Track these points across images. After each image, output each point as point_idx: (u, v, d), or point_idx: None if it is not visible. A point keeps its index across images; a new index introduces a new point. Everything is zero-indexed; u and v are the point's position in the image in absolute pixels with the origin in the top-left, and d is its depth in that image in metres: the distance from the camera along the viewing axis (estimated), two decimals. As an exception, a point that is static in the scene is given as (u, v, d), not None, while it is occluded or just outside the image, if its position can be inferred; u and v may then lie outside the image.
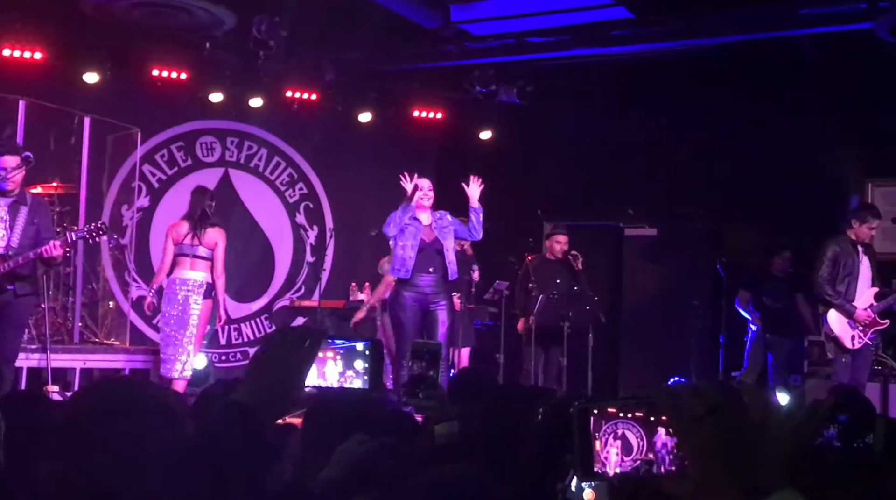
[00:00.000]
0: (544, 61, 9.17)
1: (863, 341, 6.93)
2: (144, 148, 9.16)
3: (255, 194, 9.86)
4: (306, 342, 1.43)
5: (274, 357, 1.41)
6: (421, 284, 6.90)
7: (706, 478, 1.04)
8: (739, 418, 1.06)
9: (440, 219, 7.19)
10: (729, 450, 1.03)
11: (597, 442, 1.11)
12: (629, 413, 1.11)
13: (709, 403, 1.06)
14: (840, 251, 6.96)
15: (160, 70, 8.93)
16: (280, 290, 9.98)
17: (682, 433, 1.06)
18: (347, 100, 9.88)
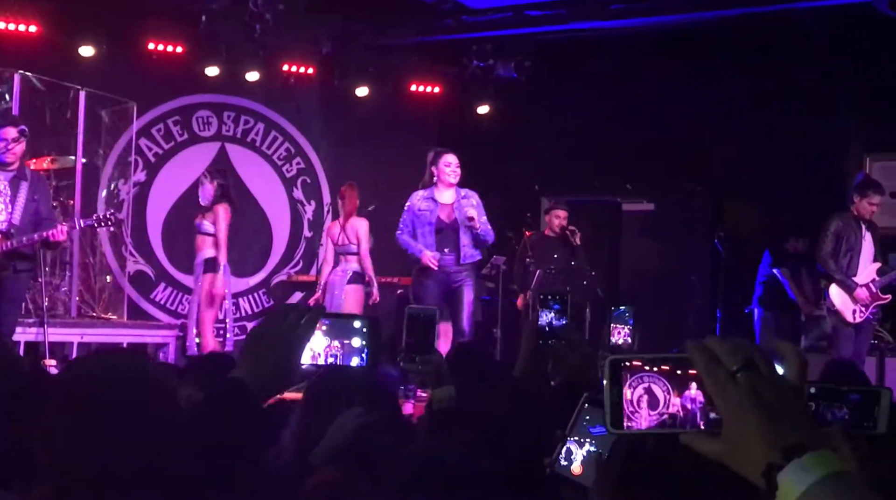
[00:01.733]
0: (542, 35, 9.13)
1: (864, 316, 6.98)
2: (140, 122, 9.13)
3: (252, 169, 9.83)
4: (303, 319, 1.42)
5: (272, 334, 1.41)
6: (440, 264, 6.83)
7: (740, 436, 1.01)
8: (774, 374, 1.03)
9: (465, 198, 7.01)
10: (764, 407, 1.00)
11: (626, 393, 1.09)
12: (655, 367, 1.09)
13: (743, 358, 1.03)
14: (843, 227, 7.00)
15: (156, 44, 8.88)
16: (278, 265, 9.98)
17: (716, 389, 1.03)
18: (345, 74, 9.82)
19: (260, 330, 1.43)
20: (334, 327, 1.48)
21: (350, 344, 1.49)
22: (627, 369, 1.10)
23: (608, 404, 1.10)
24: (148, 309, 9.09)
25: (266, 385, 1.39)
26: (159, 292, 9.31)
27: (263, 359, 1.40)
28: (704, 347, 1.05)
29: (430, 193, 6.95)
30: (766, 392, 1.01)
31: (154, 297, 9.27)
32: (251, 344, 1.42)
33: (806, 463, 0.96)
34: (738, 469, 1.02)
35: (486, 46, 9.41)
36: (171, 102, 9.46)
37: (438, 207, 6.94)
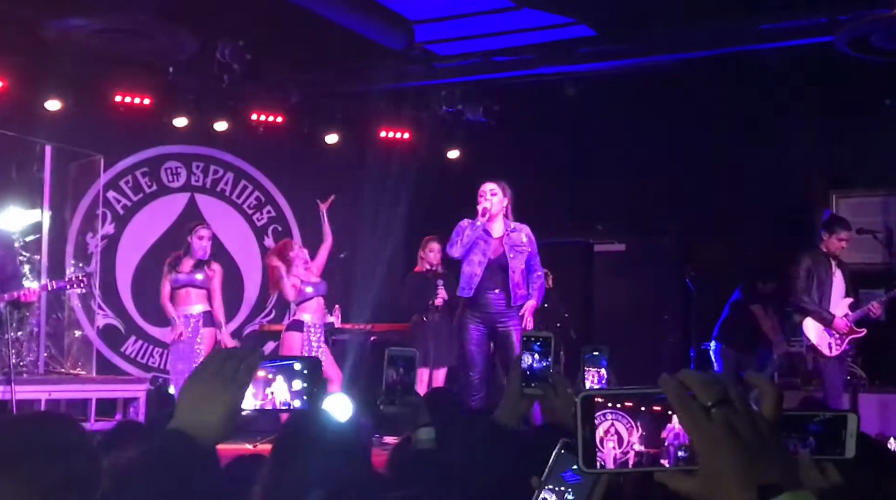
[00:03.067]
0: (510, 80, 9.20)
1: (840, 349, 7.03)
2: (108, 175, 9.08)
3: (222, 219, 9.78)
4: (241, 365, 1.39)
5: (209, 381, 1.37)
6: (486, 303, 6.46)
7: (715, 473, 0.98)
8: (749, 409, 1.01)
9: (514, 232, 6.61)
10: (739, 443, 0.98)
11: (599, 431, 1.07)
12: (618, 403, 1.07)
13: (718, 392, 1.00)
14: (813, 264, 7.08)
15: (123, 96, 8.85)
16: (250, 314, 9.90)
17: (690, 425, 1.00)
18: (313, 122, 9.84)
19: (197, 378, 1.39)
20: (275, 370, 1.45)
21: (291, 387, 1.45)
22: (600, 406, 1.08)
23: (581, 443, 1.07)
24: (118, 363, 8.97)
25: (206, 434, 1.35)
26: (129, 345, 9.19)
27: (202, 408, 1.36)
28: (678, 381, 1.02)
29: (482, 225, 6.49)
30: (742, 428, 0.99)
31: (124, 350, 9.15)
32: (189, 394, 1.38)
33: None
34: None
35: (454, 91, 9.47)
36: (138, 154, 9.43)
37: (491, 243, 6.52)
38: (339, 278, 9.02)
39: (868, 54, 7.55)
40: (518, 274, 6.47)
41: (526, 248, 6.56)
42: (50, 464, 1.50)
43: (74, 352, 8.45)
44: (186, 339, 7.35)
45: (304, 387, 1.45)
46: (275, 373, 1.45)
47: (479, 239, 6.45)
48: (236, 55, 8.24)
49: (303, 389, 1.45)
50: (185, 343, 7.35)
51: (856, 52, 7.58)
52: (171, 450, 1.35)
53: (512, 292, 6.46)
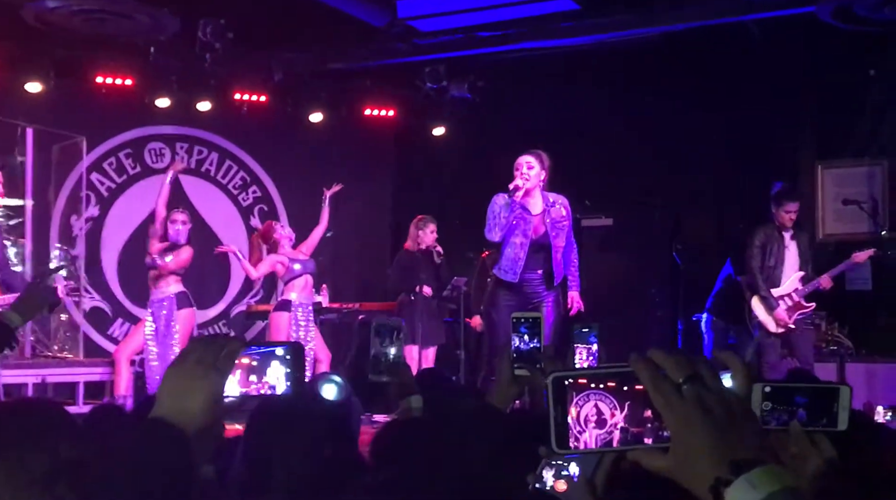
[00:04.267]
0: (494, 55, 9.16)
1: (787, 326, 7.08)
2: (91, 157, 9.01)
3: (207, 199, 9.74)
4: (223, 351, 1.38)
5: (191, 369, 1.36)
6: (525, 284, 6.10)
7: (688, 450, 0.98)
8: (720, 386, 1.01)
9: (553, 207, 6.18)
10: (711, 420, 0.98)
11: (571, 413, 1.06)
12: (601, 384, 1.06)
13: (688, 370, 1.00)
14: (766, 238, 7.13)
15: (105, 77, 8.77)
16: (237, 295, 9.87)
17: (662, 403, 1.00)
18: (298, 100, 9.78)
19: (178, 367, 1.37)
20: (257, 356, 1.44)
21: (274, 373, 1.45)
22: (572, 386, 1.07)
23: (553, 424, 1.07)
24: (105, 346, 8.93)
25: (190, 424, 1.34)
26: (116, 327, 9.16)
27: (184, 396, 1.35)
28: (649, 360, 1.02)
29: (522, 202, 6.04)
30: (713, 405, 0.99)
31: (111, 333, 9.12)
32: (171, 383, 1.36)
33: (754, 478, 0.94)
34: (687, 485, 0.99)
35: (438, 68, 9.42)
36: (122, 135, 9.36)
37: (532, 221, 6.10)
38: (327, 258, 9.00)
39: (852, 24, 7.55)
40: (560, 253, 6.13)
41: (565, 222, 6.21)
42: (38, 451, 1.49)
43: (61, 335, 8.41)
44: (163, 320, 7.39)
45: (287, 372, 1.45)
46: (257, 359, 1.44)
47: (517, 218, 6.02)
48: (218, 34, 8.17)
49: (286, 374, 1.45)
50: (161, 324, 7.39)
51: (840, 22, 7.57)
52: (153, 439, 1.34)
53: (555, 271, 6.14)
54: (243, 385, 1.44)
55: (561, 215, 6.19)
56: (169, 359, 7.26)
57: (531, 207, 6.12)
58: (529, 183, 6.07)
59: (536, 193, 6.16)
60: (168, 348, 7.35)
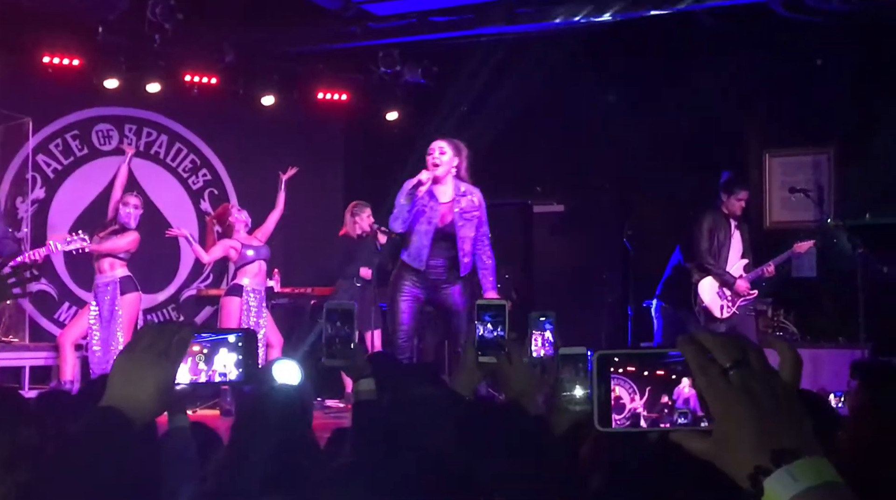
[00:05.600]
0: (448, 40, 9.14)
1: (731, 311, 7.22)
2: (37, 138, 8.84)
3: (156, 183, 9.60)
4: (174, 339, 1.36)
5: (141, 357, 1.34)
6: (429, 271, 5.95)
7: (731, 435, 0.97)
8: (768, 372, 1.00)
9: (464, 197, 5.99)
10: (756, 406, 0.97)
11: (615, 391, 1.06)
12: (621, 368, 1.06)
13: (737, 355, 0.99)
14: (714, 224, 7.24)
15: (51, 57, 8.58)
16: (187, 279, 9.77)
17: (707, 387, 0.99)
18: (249, 83, 9.67)
19: (129, 355, 1.36)
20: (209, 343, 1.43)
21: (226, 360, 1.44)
22: (617, 364, 1.06)
23: (596, 402, 1.06)
24: (51, 329, 8.79)
25: (140, 411, 1.33)
26: (63, 311, 9.01)
27: (135, 384, 1.33)
28: (697, 342, 1.01)
29: (430, 189, 5.87)
30: (760, 391, 0.98)
31: (57, 317, 8.97)
32: (121, 370, 1.35)
33: (795, 470, 0.93)
34: (726, 470, 0.98)
35: (392, 52, 9.38)
36: (68, 116, 9.18)
37: (438, 208, 5.93)
38: (279, 242, 8.93)
39: (801, 14, 7.66)
40: (467, 243, 5.96)
41: (476, 213, 6.03)
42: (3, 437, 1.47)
43: (6, 319, 8.25)
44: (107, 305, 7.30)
45: (238, 359, 1.44)
46: (209, 346, 1.43)
47: (424, 205, 5.88)
48: (167, 14, 8.04)
49: (238, 361, 1.44)
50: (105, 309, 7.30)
51: (790, 12, 7.68)
52: (104, 428, 1.32)
53: (460, 262, 5.98)
54: (193, 373, 1.42)
55: (472, 206, 6.01)
56: (112, 344, 7.18)
57: (440, 194, 5.96)
58: (440, 169, 5.92)
59: (448, 181, 5.99)
60: (111, 334, 7.27)
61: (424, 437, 1.97)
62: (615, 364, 1.07)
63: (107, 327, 7.33)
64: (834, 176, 8.82)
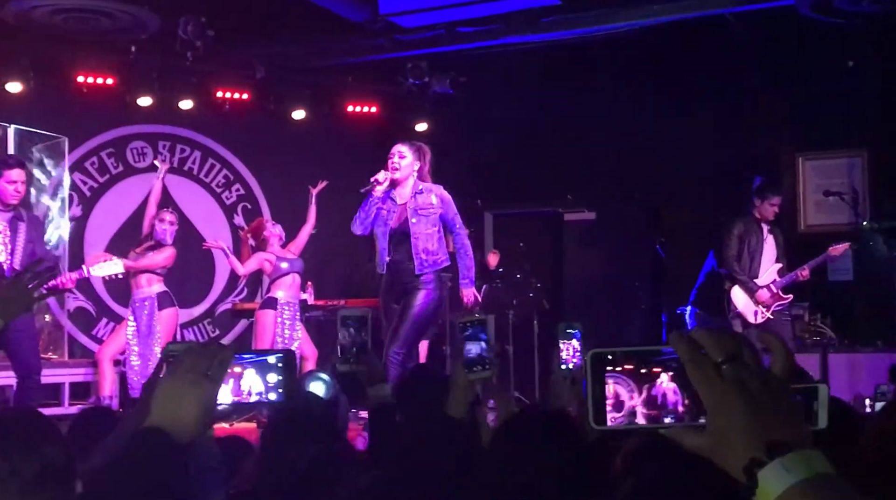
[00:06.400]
0: (476, 51, 9.17)
1: (766, 316, 7.16)
2: (74, 156, 8.98)
3: (190, 198, 9.71)
4: (215, 361, 1.39)
5: (183, 378, 1.38)
6: (394, 274, 5.90)
7: (725, 429, 0.98)
8: (761, 366, 1.01)
9: (420, 194, 5.91)
10: (750, 400, 0.98)
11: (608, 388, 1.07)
12: (618, 366, 1.07)
13: (729, 350, 1.00)
14: (744, 230, 7.21)
15: (86, 76, 8.72)
16: (222, 293, 9.85)
17: (701, 381, 1.00)
18: (280, 98, 9.77)
19: (172, 376, 1.39)
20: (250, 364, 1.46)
21: (266, 381, 1.47)
22: (609, 363, 1.07)
23: (591, 400, 1.07)
24: (89, 345, 8.90)
25: (184, 432, 1.36)
26: (101, 327, 9.13)
27: (178, 406, 1.36)
28: (689, 338, 1.02)
29: (389, 192, 5.94)
30: (753, 385, 0.98)
31: (96, 333, 9.08)
32: (164, 392, 1.38)
33: (789, 462, 0.94)
34: (722, 464, 0.99)
35: (420, 64, 9.42)
36: (103, 135, 9.32)
37: (395, 209, 5.93)
38: (311, 255, 8.98)
39: (831, 17, 7.60)
40: (423, 240, 5.82)
41: (435, 210, 5.88)
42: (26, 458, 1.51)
43: (45, 336, 8.37)
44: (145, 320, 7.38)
45: (279, 380, 1.46)
46: (249, 367, 1.46)
47: (382, 209, 5.88)
48: (198, 32, 8.14)
49: (278, 382, 1.46)
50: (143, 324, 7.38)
51: (819, 14, 7.62)
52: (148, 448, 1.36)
53: (416, 259, 5.84)
54: (235, 393, 1.46)
55: (427, 203, 5.89)
56: (150, 359, 7.25)
57: (398, 197, 5.94)
58: (399, 173, 5.90)
59: (408, 184, 5.95)
60: (149, 349, 7.34)
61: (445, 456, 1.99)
62: (612, 363, 1.08)
63: (144, 342, 7.40)
64: (869, 178, 8.73)
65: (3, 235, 5.78)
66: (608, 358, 1.08)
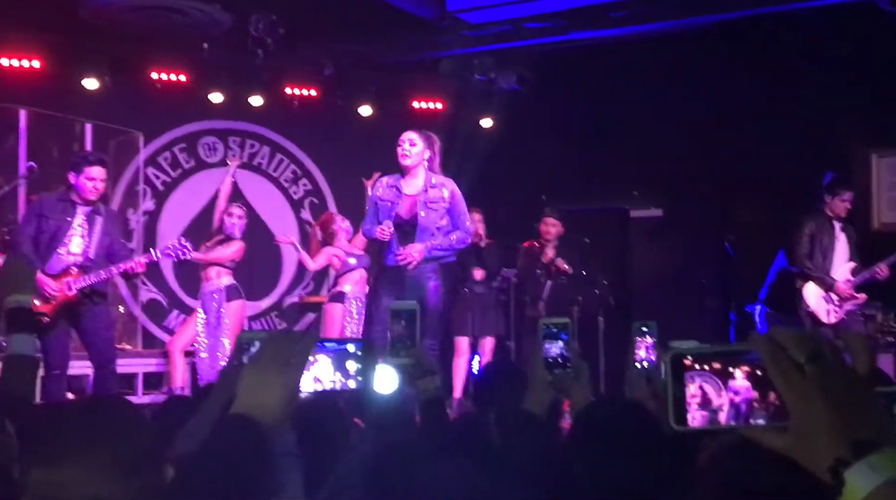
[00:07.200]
0: (543, 46, 9.14)
1: (839, 316, 7.01)
2: (147, 151, 9.18)
3: (259, 193, 9.87)
4: (296, 348, 1.43)
5: (267, 366, 1.41)
6: (402, 268, 5.70)
7: (808, 429, 0.98)
8: (843, 365, 1.00)
9: (433, 188, 5.75)
10: (833, 399, 0.97)
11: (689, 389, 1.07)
12: (706, 365, 1.07)
13: (811, 349, 1.00)
14: (816, 228, 7.07)
15: (159, 73, 8.93)
16: (289, 287, 10.00)
17: (783, 382, 1.00)
18: (347, 94, 9.86)
19: (255, 364, 1.43)
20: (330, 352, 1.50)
21: (346, 369, 1.50)
22: (689, 363, 1.08)
23: (670, 401, 1.07)
24: (162, 336, 9.11)
25: (269, 419, 1.40)
26: (172, 319, 9.33)
27: (262, 393, 1.40)
28: (771, 338, 1.02)
29: (396, 181, 5.77)
30: (836, 384, 0.98)
31: (167, 324, 9.29)
32: (249, 379, 1.42)
33: (875, 461, 0.93)
34: (806, 464, 0.99)
35: (487, 60, 9.43)
36: (176, 130, 9.52)
37: (403, 200, 5.75)
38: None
39: (908, 11, 7.43)
40: (428, 234, 5.67)
41: (444, 204, 5.74)
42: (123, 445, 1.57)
43: (120, 326, 8.58)
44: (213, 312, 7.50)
45: (358, 368, 1.49)
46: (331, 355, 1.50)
47: (384, 202, 5.73)
48: (269, 29, 8.26)
49: (357, 370, 1.49)
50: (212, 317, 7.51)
51: (895, 8, 7.46)
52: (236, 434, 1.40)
53: None
54: (316, 381, 1.49)
55: (439, 196, 5.73)
56: (219, 351, 7.39)
57: (409, 187, 5.75)
58: (410, 160, 5.72)
59: (419, 173, 5.77)
60: (218, 340, 7.46)
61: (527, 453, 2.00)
62: (697, 361, 1.08)
63: (213, 333, 7.53)
64: (945, 175, 8.51)
65: (81, 228, 5.93)
66: (688, 359, 1.08)
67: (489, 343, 8.05)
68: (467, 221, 5.91)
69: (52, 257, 5.86)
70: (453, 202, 5.79)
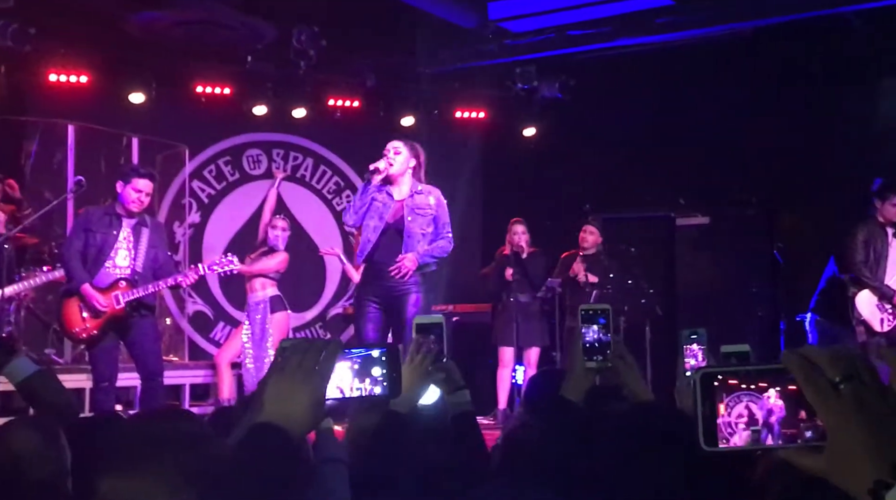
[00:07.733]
0: (585, 54, 9.10)
1: (892, 324, 6.86)
2: (193, 164, 9.27)
3: (302, 204, 9.92)
4: (322, 355, 1.41)
5: (292, 373, 1.40)
6: (382, 272, 5.65)
7: (845, 450, 0.96)
8: (880, 384, 0.97)
9: (419, 194, 5.79)
10: (871, 419, 0.95)
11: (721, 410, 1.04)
12: (752, 384, 1.04)
13: (847, 368, 0.97)
14: (868, 234, 6.94)
15: (204, 86, 9.02)
16: (333, 298, 10.02)
17: (818, 401, 0.97)
18: (389, 105, 9.88)
19: (280, 371, 1.42)
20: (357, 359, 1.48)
21: (371, 375, 1.48)
22: (722, 386, 1.05)
23: (700, 421, 1.05)
24: (208, 348, 9.17)
25: (296, 427, 1.39)
26: (218, 331, 9.40)
27: (288, 400, 1.39)
28: (803, 357, 0.99)
29: (386, 188, 5.78)
30: (873, 404, 0.96)
31: (213, 336, 9.36)
32: (274, 386, 1.41)
33: None
34: (843, 486, 0.96)
35: (529, 68, 9.40)
36: (221, 143, 9.61)
37: (391, 205, 5.75)
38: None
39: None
40: (416, 239, 5.69)
41: (430, 211, 5.77)
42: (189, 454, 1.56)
43: (167, 339, 8.66)
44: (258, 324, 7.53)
45: (383, 374, 1.48)
46: (357, 362, 1.48)
47: (377, 202, 5.72)
48: (312, 41, 8.32)
49: (383, 375, 1.48)
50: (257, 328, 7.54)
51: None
52: (262, 443, 1.39)
53: None
54: (343, 388, 1.47)
55: (425, 203, 5.77)
56: (264, 362, 7.42)
57: (395, 193, 5.78)
58: (394, 168, 5.74)
59: (404, 181, 5.80)
60: (263, 351, 7.50)
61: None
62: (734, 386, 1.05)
63: (259, 344, 7.57)
64: None
65: (127, 240, 5.99)
66: (718, 378, 1.05)
67: (534, 354, 7.99)
68: (450, 232, 5.93)
69: (100, 270, 5.92)
70: (439, 210, 5.85)
